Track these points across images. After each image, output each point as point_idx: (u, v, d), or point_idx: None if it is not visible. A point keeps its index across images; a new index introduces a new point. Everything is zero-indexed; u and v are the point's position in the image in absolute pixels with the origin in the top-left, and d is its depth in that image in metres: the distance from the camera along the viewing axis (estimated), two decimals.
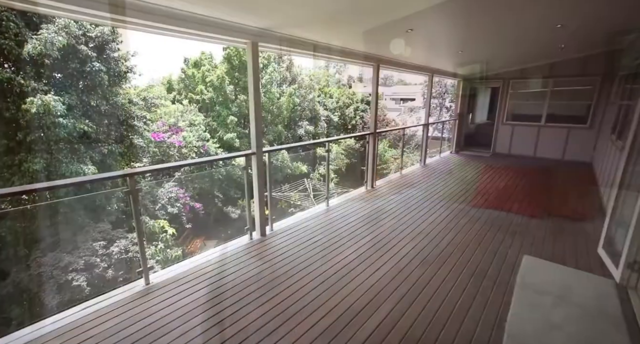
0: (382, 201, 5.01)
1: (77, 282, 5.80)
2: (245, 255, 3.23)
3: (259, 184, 3.61)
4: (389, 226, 3.96)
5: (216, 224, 13.93)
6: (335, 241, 3.56)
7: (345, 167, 18.28)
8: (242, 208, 13.00)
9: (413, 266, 2.99)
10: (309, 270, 2.92)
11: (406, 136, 20.56)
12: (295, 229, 3.92)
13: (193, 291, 2.59)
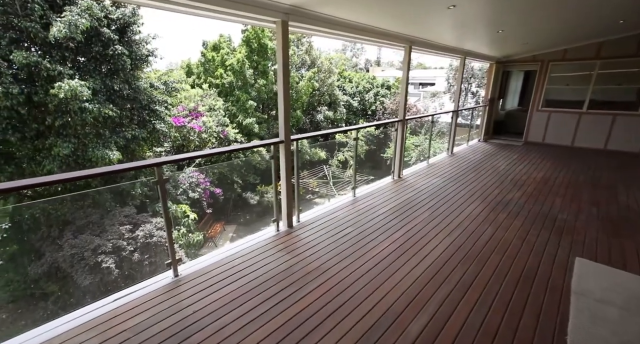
0: (411, 191, 4.77)
1: (107, 264, 5.97)
2: (273, 248, 3.12)
3: (286, 174, 3.45)
4: (422, 219, 3.74)
5: (235, 209, 14.10)
6: (366, 234, 3.39)
7: (364, 154, 17.93)
8: (261, 194, 13.05)
9: (453, 264, 2.78)
10: (341, 266, 2.77)
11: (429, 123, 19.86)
12: (323, 221, 3.77)
13: (222, 285, 2.51)
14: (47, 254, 6.20)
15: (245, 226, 13.05)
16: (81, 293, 6.35)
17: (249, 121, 12.68)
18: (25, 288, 7.44)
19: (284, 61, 3.07)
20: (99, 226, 6.80)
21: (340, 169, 16.40)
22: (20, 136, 5.97)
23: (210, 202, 10.93)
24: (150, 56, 7.62)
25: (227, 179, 12.74)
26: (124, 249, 6.36)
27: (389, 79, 23.68)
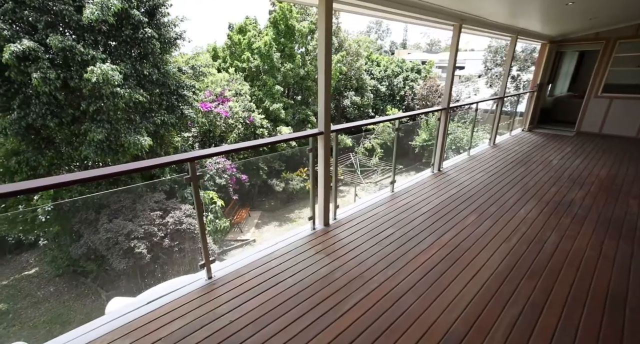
0: (454, 188, 4.35)
1: (139, 249, 6.10)
2: (310, 248, 2.89)
3: (324, 169, 3.16)
4: (471, 221, 3.36)
5: (260, 195, 14.17)
6: (410, 236, 3.07)
7: (391, 141, 17.27)
8: (286, 181, 12.94)
9: (516, 278, 2.42)
10: (386, 274, 2.49)
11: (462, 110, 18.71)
12: (361, 219, 3.48)
13: (259, 291, 2.31)
14: (85, 236, 6.42)
15: (270, 212, 13.10)
16: (116, 275, 6.57)
17: (276, 107, 12.43)
18: (68, 265, 7.86)
19: (326, 45, 2.72)
20: (131, 210, 6.94)
21: (366, 156, 15.91)
22: (58, 121, 6.07)
23: (236, 189, 10.96)
24: (178, 39, 7.45)
25: (253, 165, 12.71)
26: (154, 234, 6.47)
27: (419, 63, 22.41)
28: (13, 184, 1.49)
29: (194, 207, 7.52)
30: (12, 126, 5.74)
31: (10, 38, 5.59)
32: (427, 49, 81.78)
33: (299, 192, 13.47)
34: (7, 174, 6.65)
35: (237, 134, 11.04)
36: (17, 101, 5.79)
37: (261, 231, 11.49)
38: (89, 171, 1.76)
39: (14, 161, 6.32)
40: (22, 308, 7.83)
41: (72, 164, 6.85)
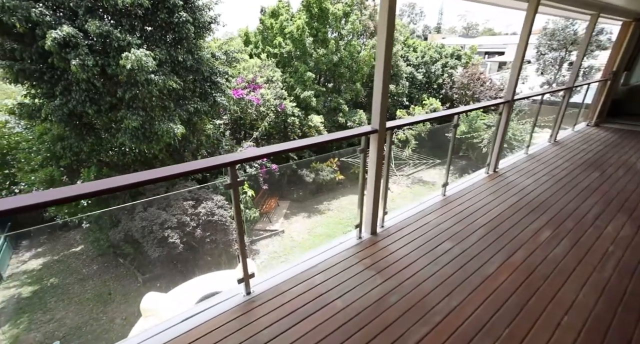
0: (516, 193, 3.79)
1: (172, 239, 6.14)
2: (358, 263, 2.55)
3: (376, 171, 2.77)
4: (545, 238, 2.84)
5: (289, 184, 14.04)
6: (472, 253, 2.64)
7: (427, 133, 16.35)
8: (316, 172, 12.66)
9: (623, 325, 1.93)
10: (450, 304, 2.10)
11: None
12: (412, 228, 3.08)
13: (304, 314, 2.02)
14: (122, 223, 6.57)
15: (299, 202, 12.95)
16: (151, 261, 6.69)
17: (307, 94, 12.02)
18: (109, 246, 8.19)
19: (387, 29, 2.27)
20: (165, 198, 7.01)
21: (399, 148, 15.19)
22: (96, 108, 6.12)
23: (266, 178, 10.85)
24: (212, 23, 7.19)
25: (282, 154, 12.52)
26: (187, 224, 6.48)
27: (459, 48, 20.80)
28: (58, 191, 1.27)
29: (231, 217, 7.41)
30: (55, 113, 5.85)
31: (53, 24, 5.61)
32: (463, 33, 76.51)
33: (328, 184, 13.17)
34: (54, 159, 6.91)
35: (268, 122, 10.82)
36: (59, 88, 5.88)
37: (290, 222, 11.39)
38: (127, 177, 1.51)
39: (59, 146, 6.52)
40: (69, 284, 8.34)
41: (110, 151, 6.97)
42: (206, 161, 1.84)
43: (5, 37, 5.77)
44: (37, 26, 5.54)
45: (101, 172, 7.04)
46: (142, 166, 7.86)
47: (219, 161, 1.84)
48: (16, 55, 5.77)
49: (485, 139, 14.16)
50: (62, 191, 1.38)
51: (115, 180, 1.50)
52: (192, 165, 1.74)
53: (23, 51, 5.77)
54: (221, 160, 1.85)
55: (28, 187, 7.00)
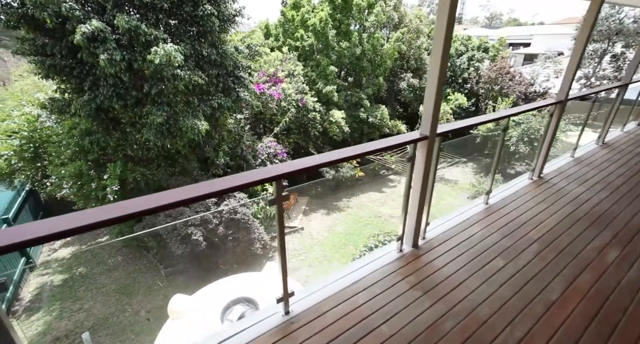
0: (568, 203, 3.45)
1: (195, 236, 6.13)
2: (402, 281, 2.35)
3: (422, 180, 2.53)
4: (614, 258, 2.54)
5: (307, 180, 13.92)
6: (529, 274, 2.38)
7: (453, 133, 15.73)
8: (336, 169, 12.44)
9: None
10: (515, 334, 1.88)
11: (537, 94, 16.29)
12: (456, 241, 2.84)
13: (349, 341, 1.85)
14: (146, 218, 6.63)
15: (318, 199, 12.82)
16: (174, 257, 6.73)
17: (329, 89, 11.74)
18: (132, 239, 8.34)
19: (447, 26, 2.00)
20: None
21: None
22: (123, 103, 6.12)
23: None
24: (237, 16, 7.02)
25: (302, 149, 12.38)
26: (210, 222, 6.46)
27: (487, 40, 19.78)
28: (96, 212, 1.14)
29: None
30: (83, 108, 5.90)
31: (82, 19, 5.60)
32: (485, 23, 73.06)
33: (347, 180, 12.94)
34: (82, 153, 7.03)
35: (289, 117, 10.64)
36: (88, 83, 5.91)
37: (309, 219, 11.29)
38: (169, 195, 1.37)
39: (87, 140, 6.61)
40: (96, 274, 8.60)
41: (135, 145, 7.01)
42: (251, 174, 1.66)
43: (37, 33, 5.82)
44: (67, 21, 5.55)
45: (126, 166, 7.11)
46: (165, 160, 7.90)
47: (265, 174, 1.67)
48: (47, 50, 5.82)
49: (514, 137, 13.45)
50: (107, 210, 1.24)
51: (157, 199, 1.35)
52: (236, 180, 1.57)
53: (53, 46, 5.82)
54: (266, 173, 1.67)
55: (58, 181, 7.17)
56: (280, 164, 1.80)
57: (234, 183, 1.55)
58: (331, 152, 2.01)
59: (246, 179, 1.59)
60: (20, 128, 7.91)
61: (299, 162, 1.84)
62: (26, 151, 7.79)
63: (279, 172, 1.68)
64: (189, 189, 1.47)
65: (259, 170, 1.73)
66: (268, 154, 9.98)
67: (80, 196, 7.05)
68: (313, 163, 1.85)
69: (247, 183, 1.60)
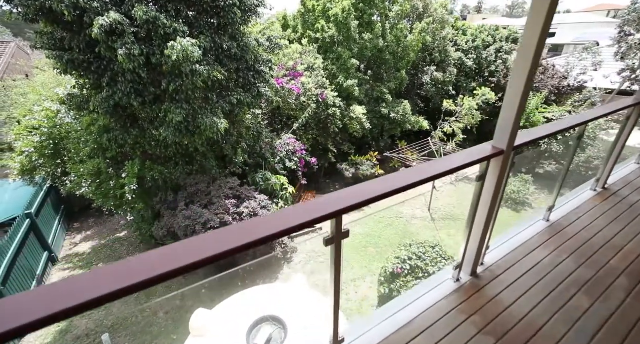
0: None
1: None
2: (466, 322, 1.97)
3: (491, 200, 2.11)
4: None
5: (325, 177, 13.57)
6: (630, 317, 1.95)
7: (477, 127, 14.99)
8: (356, 167, 12.02)
9: None
10: None
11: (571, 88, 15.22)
12: (521, 268, 2.43)
13: None
14: (165, 218, 6.46)
15: None
16: None
17: (350, 83, 11.24)
18: (151, 237, 8.25)
19: (548, 13, 1.56)
20: (206, 194, 6.78)
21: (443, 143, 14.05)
22: (141, 100, 5.89)
23: (305, 172, 10.43)
24: (259, 6, 6.62)
25: (320, 145, 11.97)
26: (229, 224, 6.21)
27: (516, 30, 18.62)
28: None
29: (332, 272, 7.01)
30: (102, 105, 5.70)
31: (100, 11, 5.35)
32: (506, 13, 69.68)
33: (367, 178, 12.50)
34: (100, 151, 6.90)
35: (309, 113, 10.25)
36: (106, 79, 5.69)
37: None
38: (204, 249, 1.03)
39: (105, 138, 6.45)
40: None
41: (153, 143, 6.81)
42: (305, 210, 1.30)
43: (55, 26, 5.62)
44: (84, 13, 5.32)
45: (144, 165, 6.94)
46: (183, 158, 7.69)
47: (322, 210, 1.29)
48: (65, 44, 5.63)
49: None
50: (128, 269, 0.92)
51: (187, 256, 1.01)
52: (290, 219, 1.21)
53: (71, 40, 5.61)
54: (323, 209, 1.30)
55: (78, 179, 7.09)
56: (339, 195, 1.42)
57: (289, 223, 1.19)
58: (394, 177, 1.62)
59: (302, 218, 1.23)
60: (41, 124, 7.87)
61: (361, 191, 1.45)
62: (46, 147, 7.76)
63: (339, 207, 1.31)
64: (243, 231, 1.13)
65: (313, 204, 1.35)
66: (287, 152, 9.66)
67: (99, 194, 6.95)
68: (380, 192, 1.46)
69: (305, 222, 1.23)
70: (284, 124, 11.45)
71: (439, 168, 1.77)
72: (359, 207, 1.39)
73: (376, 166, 12.52)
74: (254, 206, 6.59)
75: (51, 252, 8.88)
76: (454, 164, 1.80)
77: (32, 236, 8.20)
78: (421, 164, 1.91)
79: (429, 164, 1.85)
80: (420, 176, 1.64)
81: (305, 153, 10.29)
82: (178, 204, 6.45)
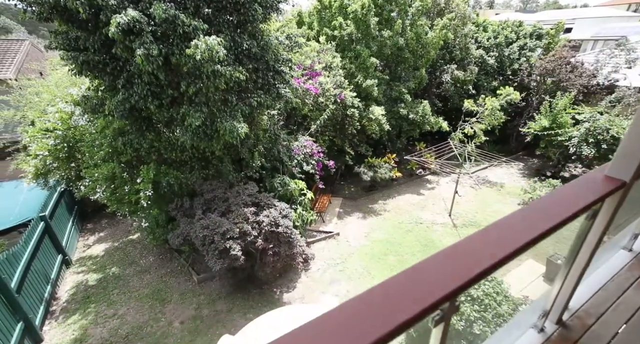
0: None
1: (234, 251, 5.60)
2: None
3: (600, 236, 1.70)
4: None
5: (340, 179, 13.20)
6: None
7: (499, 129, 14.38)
8: (374, 169, 11.59)
9: None
10: None
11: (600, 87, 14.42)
12: (616, 315, 2.01)
13: None
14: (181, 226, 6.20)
15: (352, 200, 12.08)
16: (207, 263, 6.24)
17: (369, 83, 10.80)
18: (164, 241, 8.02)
19: None
20: (224, 201, 6.49)
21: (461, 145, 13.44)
22: (158, 102, 5.60)
23: (322, 175, 10.07)
24: (280, 2, 6.24)
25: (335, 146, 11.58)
26: (249, 234, 5.92)
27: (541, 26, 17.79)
28: None
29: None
30: (117, 108, 5.43)
31: (116, 8, 5.06)
32: (519, 7, 67.55)
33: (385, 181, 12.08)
34: (115, 154, 6.66)
35: (327, 115, 9.85)
36: (121, 80, 5.42)
37: (344, 223, 10.60)
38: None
39: (120, 141, 6.20)
40: (129, 275, 8.40)
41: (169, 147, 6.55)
42: (413, 299, 0.91)
43: (70, 25, 5.36)
44: (100, 11, 5.03)
45: (159, 169, 6.68)
46: (199, 162, 7.42)
47: (432, 294, 0.90)
48: (80, 44, 5.36)
49: (575, 137, 11.94)
50: None
51: None
52: (393, 317, 0.83)
53: (86, 40, 5.35)
54: (431, 292, 0.91)
55: (92, 184, 6.89)
56: (441, 269, 1.03)
57: (393, 321, 0.81)
58: (499, 238, 1.22)
59: (409, 310, 0.84)
60: (55, 127, 7.69)
61: (474, 265, 1.06)
62: (61, 150, 7.58)
63: (455, 286, 0.93)
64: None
65: (412, 285, 0.96)
66: (304, 154, 9.31)
67: (113, 200, 6.74)
68: (491, 261, 1.06)
69: (416, 314, 0.85)
70: (299, 124, 11.10)
71: (552, 217, 1.36)
72: (465, 288, 1.01)
73: (394, 169, 12.07)
74: (274, 215, 6.26)
75: (65, 255, 8.75)
76: (572, 207, 1.39)
77: (47, 239, 8.07)
78: (523, 211, 1.49)
79: (529, 210, 1.44)
80: (531, 234, 1.24)
81: (323, 156, 9.92)
82: (195, 211, 6.19)
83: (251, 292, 7.57)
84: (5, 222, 8.59)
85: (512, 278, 7.54)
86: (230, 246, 5.55)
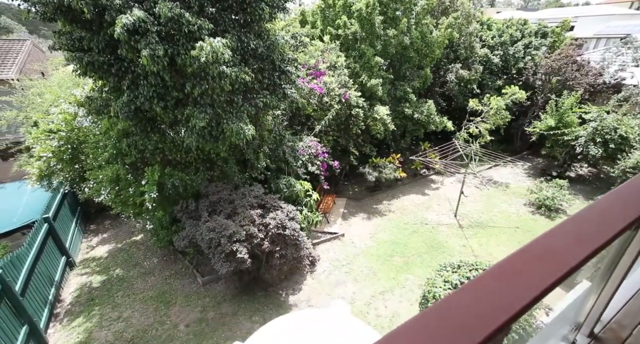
0: None
1: (241, 254, 5.53)
2: None
3: (637, 255, 1.61)
4: None
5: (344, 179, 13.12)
6: None
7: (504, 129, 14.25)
8: (379, 170, 11.50)
9: None
10: None
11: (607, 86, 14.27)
12: None
13: None
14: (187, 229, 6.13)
15: (356, 200, 12.01)
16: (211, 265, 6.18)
17: (374, 82, 10.69)
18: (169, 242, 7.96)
19: None
20: (229, 203, 6.41)
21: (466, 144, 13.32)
22: (163, 104, 5.52)
23: (327, 176, 9.98)
24: (287, 1, 6.14)
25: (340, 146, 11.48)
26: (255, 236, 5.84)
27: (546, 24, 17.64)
28: None
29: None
30: (122, 109, 5.35)
31: (121, 8, 4.97)
32: (521, 6, 67.15)
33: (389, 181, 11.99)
34: (119, 156, 6.59)
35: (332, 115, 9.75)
36: (126, 82, 5.34)
37: (349, 224, 10.52)
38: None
39: (124, 143, 6.13)
40: (133, 277, 8.34)
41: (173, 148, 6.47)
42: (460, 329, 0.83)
43: (74, 26, 5.27)
44: (105, 11, 4.95)
45: (164, 171, 6.60)
46: (203, 163, 7.35)
47: (484, 328, 0.82)
48: (84, 45, 5.28)
49: (582, 137, 11.81)
50: None
51: None
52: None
53: (90, 40, 5.26)
54: (484, 325, 0.82)
55: (97, 186, 6.82)
56: (494, 302, 0.94)
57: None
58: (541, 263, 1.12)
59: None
60: (59, 128, 7.62)
61: (516, 300, 0.97)
62: (64, 152, 7.52)
63: (506, 317, 0.84)
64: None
65: (459, 318, 0.87)
66: (309, 155, 9.22)
67: (117, 202, 6.67)
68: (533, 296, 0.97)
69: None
70: (302, 124, 11.00)
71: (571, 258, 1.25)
72: (521, 314, 0.91)
73: (398, 169, 11.98)
74: (281, 217, 6.18)
75: (68, 256, 8.70)
76: (614, 226, 1.29)
77: (50, 240, 8.01)
78: (562, 227, 1.40)
79: (566, 225, 1.34)
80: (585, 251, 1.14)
81: (328, 156, 9.84)
82: (200, 213, 6.12)
83: (257, 294, 7.50)
84: (9, 224, 8.54)
85: None
86: (236, 248, 5.48)
